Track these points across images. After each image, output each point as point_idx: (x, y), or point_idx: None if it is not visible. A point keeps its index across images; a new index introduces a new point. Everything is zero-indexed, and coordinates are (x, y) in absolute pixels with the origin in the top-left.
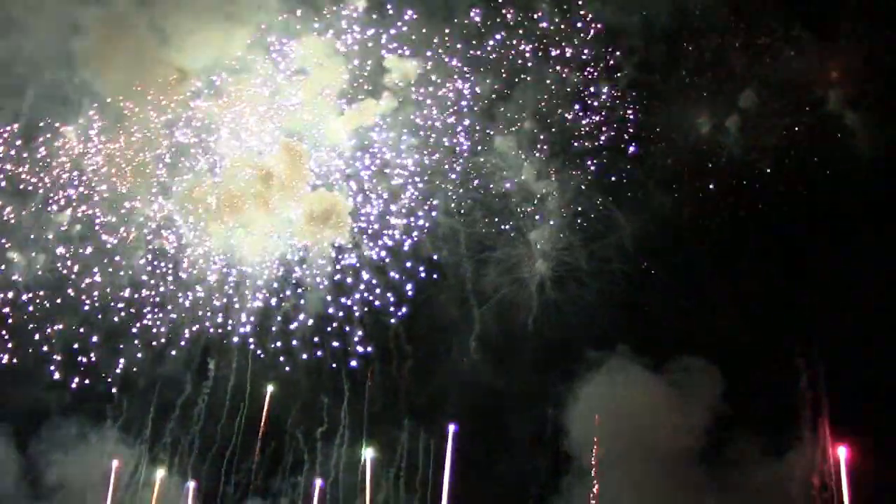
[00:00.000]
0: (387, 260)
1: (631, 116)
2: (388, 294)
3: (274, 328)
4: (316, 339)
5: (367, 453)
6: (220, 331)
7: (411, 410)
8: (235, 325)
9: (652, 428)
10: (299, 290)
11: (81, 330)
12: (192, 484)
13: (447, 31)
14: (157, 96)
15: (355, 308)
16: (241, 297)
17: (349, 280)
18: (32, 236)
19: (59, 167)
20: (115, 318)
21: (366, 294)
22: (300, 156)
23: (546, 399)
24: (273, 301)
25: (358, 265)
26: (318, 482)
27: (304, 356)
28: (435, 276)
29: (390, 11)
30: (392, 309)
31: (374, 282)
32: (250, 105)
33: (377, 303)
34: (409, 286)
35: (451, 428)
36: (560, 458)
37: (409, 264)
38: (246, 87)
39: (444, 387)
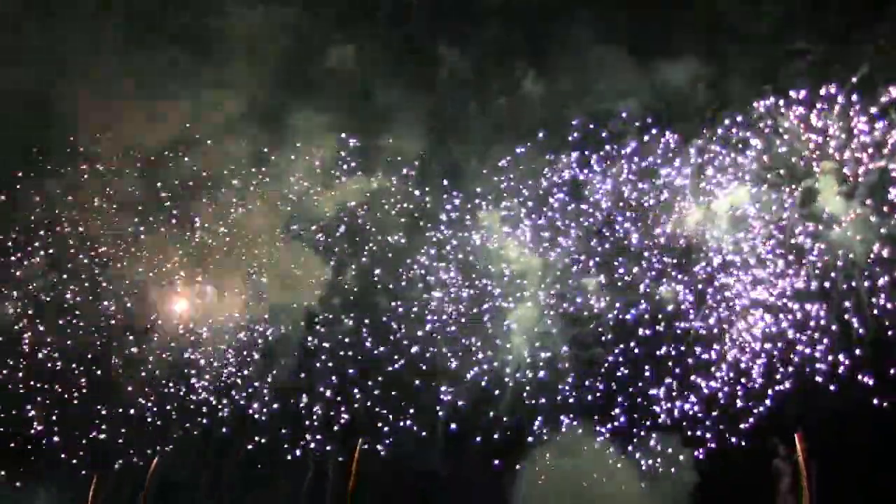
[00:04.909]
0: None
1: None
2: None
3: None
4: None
5: None
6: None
7: None
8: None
9: None
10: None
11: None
12: None
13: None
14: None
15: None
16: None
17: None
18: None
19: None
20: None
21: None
22: (278, 213)
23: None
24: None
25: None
26: None
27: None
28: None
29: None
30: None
31: (344, 354)
32: (233, 169)
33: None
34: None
35: None
36: None
37: (381, 338)
38: (232, 152)
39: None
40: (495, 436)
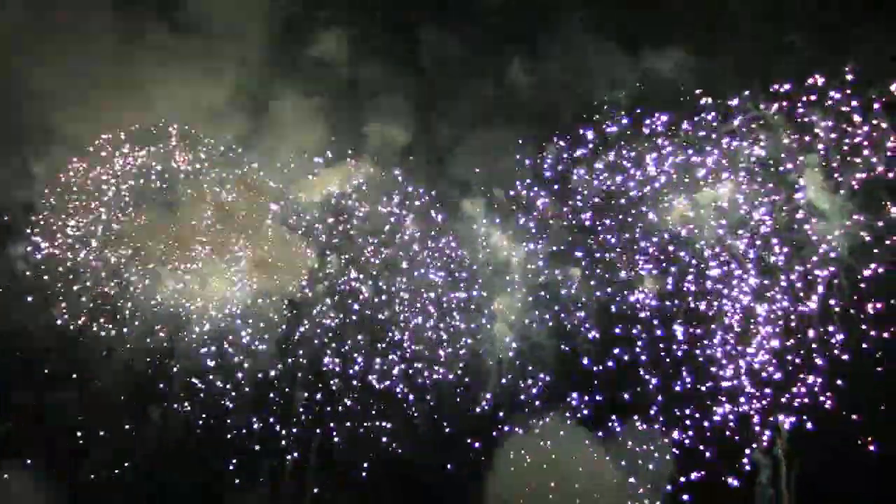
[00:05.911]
0: (343, 322)
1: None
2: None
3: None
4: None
5: None
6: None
7: None
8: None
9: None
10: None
11: None
12: None
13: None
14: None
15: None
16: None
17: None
18: None
19: None
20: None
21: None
22: (262, 197)
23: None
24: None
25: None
26: None
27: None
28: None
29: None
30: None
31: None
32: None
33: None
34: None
35: None
36: None
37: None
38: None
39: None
40: (477, 431)
